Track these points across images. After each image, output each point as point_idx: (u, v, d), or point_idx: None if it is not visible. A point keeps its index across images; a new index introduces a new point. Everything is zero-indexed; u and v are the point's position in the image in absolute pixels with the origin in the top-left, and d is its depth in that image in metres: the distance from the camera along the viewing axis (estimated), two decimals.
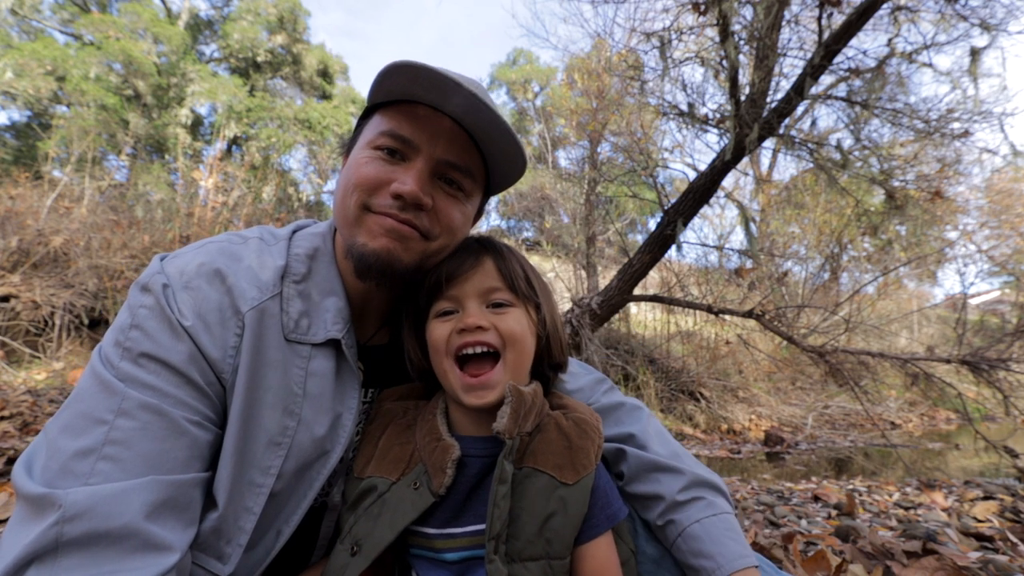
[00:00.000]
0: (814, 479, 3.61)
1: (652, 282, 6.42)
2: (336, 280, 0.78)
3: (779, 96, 3.33)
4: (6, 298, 4.21)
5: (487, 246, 0.78)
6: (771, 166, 11.05)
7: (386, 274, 0.73)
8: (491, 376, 0.69)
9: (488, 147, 0.77)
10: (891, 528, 2.07)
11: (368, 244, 0.72)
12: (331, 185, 16.04)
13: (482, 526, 0.64)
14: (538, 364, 0.78)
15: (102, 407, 0.59)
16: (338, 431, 0.75)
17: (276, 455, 0.68)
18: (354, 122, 0.89)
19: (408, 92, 0.73)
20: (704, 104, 3.83)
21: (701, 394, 6.11)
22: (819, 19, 3.04)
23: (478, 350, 0.70)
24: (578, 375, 0.97)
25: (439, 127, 0.74)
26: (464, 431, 0.74)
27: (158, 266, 0.69)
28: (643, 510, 0.81)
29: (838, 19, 3.07)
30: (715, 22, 3.24)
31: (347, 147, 0.84)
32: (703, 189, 3.58)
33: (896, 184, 3.95)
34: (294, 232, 0.82)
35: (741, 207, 10.68)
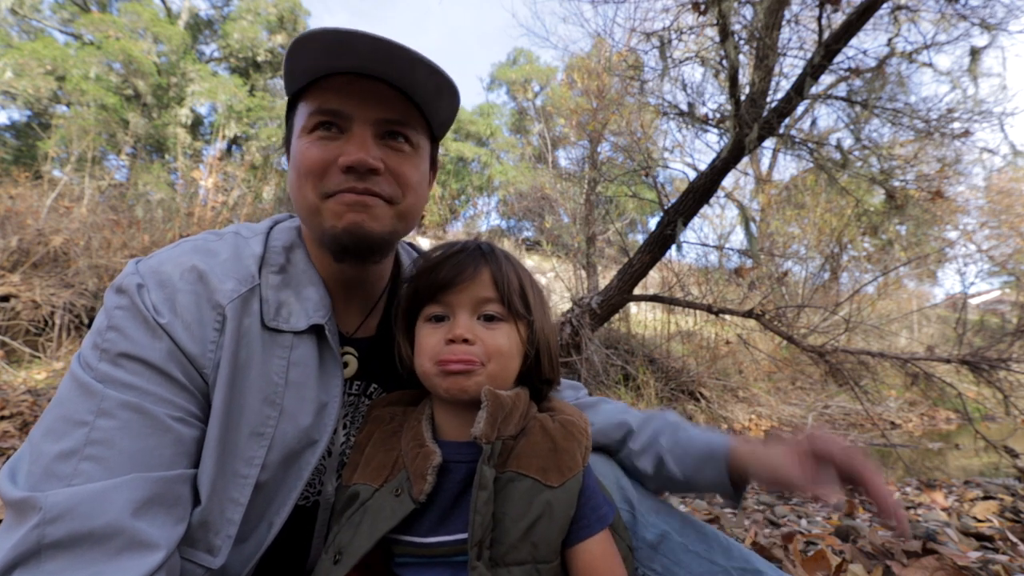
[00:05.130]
0: None
1: (652, 282, 6.42)
2: (313, 272, 0.79)
3: (779, 96, 3.33)
4: (6, 298, 4.21)
5: (487, 255, 0.75)
6: (771, 166, 11.05)
7: (362, 248, 0.73)
8: (472, 367, 0.68)
9: (414, 89, 0.75)
10: (891, 528, 2.07)
11: (335, 226, 0.72)
12: None
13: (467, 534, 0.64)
14: (525, 377, 0.77)
15: (82, 409, 0.58)
16: (324, 420, 0.74)
17: (259, 445, 0.68)
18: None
19: (319, 66, 0.71)
20: (704, 104, 3.84)
21: (701, 394, 6.11)
22: (819, 19, 3.04)
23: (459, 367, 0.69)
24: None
25: (363, 88, 0.72)
26: (449, 436, 0.73)
27: (132, 268, 0.69)
28: (648, 452, 0.85)
29: (838, 19, 3.07)
30: (715, 22, 3.24)
31: (285, 145, 0.83)
32: (703, 189, 3.58)
33: (896, 184, 3.94)
34: (271, 226, 0.82)
35: (741, 207, 10.68)
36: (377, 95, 0.73)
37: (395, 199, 0.75)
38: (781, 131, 3.51)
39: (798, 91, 3.15)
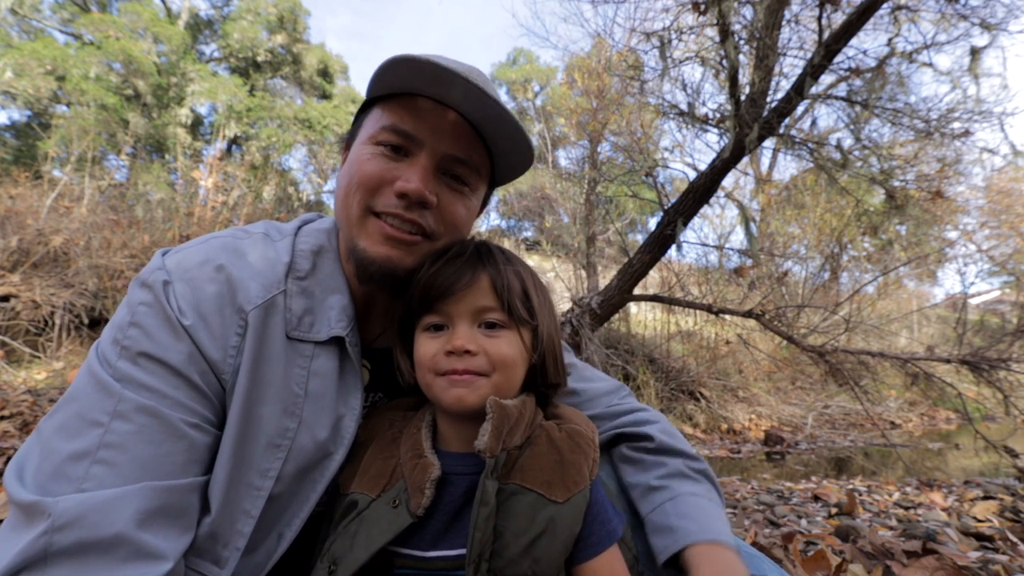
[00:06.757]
0: (814, 479, 3.61)
1: (652, 282, 6.42)
2: (340, 278, 0.77)
3: (779, 96, 3.33)
4: (6, 298, 4.21)
5: (485, 259, 0.72)
6: (771, 166, 11.05)
7: (387, 280, 0.72)
8: (476, 378, 0.66)
9: (494, 139, 0.75)
10: (891, 528, 2.07)
11: (368, 250, 0.71)
12: (331, 184, 16.05)
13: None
14: (530, 382, 0.74)
15: (98, 408, 0.58)
16: (340, 433, 0.73)
17: (275, 457, 0.66)
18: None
19: (409, 85, 0.71)
20: (704, 104, 3.83)
21: (701, 394, 6.11)
22: (819, 19, 3.04)
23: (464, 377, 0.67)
24: (593, 380, 0.96)
25: (443, 120, 0.72)
26: (451, 446, 0.70)
27: (159, 261, 0.67)
28: (641, 471, 0.83)
29: (838, 19, 3.07)
30: (715, 22, 3.23)
31: (346, 142, 0.82)
32: (703, 189, 3.57)
33: (896, 184, 3.94)
34: (299, 228, 0.80)
35: (741, 207, 10.66)
36: (452, 129, 0.73)
37: (435, 235, 0.74)
38: (781, 131, 3.51)
39: (798, 91, 3.14)
